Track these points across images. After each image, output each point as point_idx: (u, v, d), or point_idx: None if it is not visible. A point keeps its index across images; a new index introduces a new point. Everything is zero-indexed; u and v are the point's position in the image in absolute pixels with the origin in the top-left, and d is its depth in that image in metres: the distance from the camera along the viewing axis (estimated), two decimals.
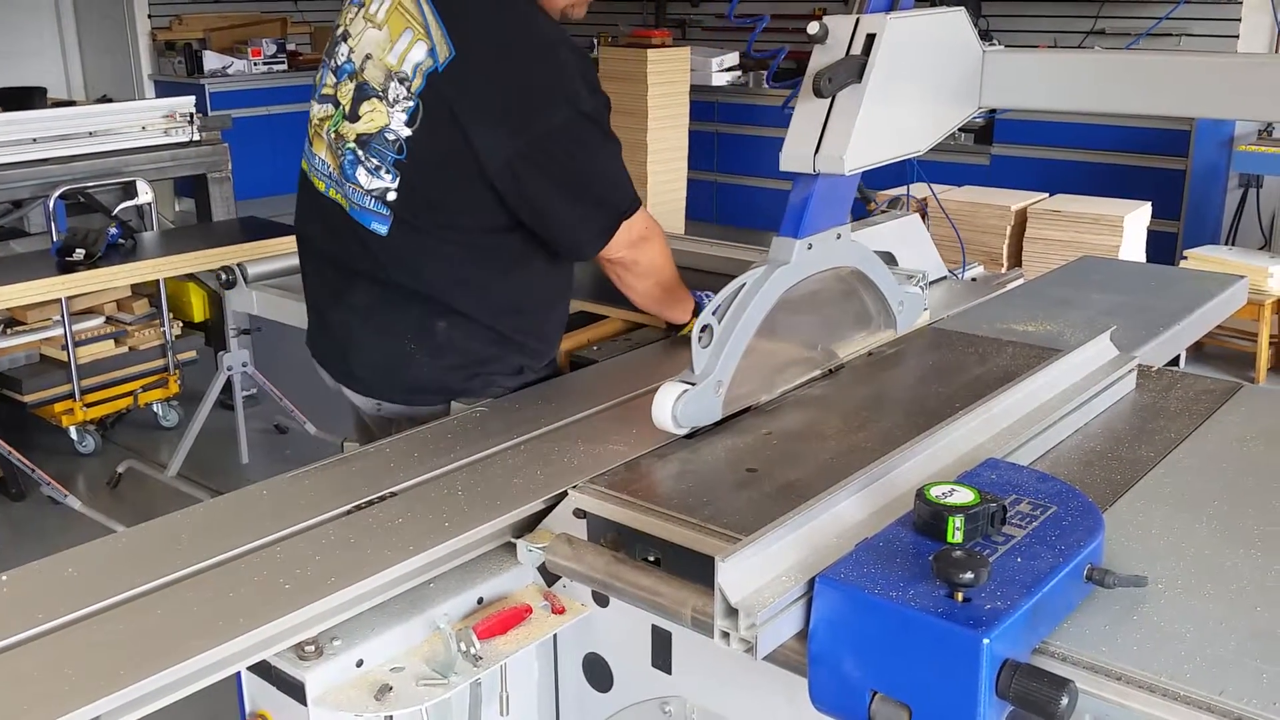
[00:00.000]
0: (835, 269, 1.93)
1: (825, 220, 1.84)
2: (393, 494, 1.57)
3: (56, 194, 4.70)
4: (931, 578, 1.13)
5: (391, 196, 1.85)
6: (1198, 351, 5.22)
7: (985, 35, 1.93)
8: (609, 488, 1.55)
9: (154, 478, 4.47)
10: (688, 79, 6.96)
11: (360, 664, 1.38)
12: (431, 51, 1.76)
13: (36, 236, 5.37)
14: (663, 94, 6.78)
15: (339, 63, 1.90)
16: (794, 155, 1.73)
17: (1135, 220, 5.15)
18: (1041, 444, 1.65)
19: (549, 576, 1.56)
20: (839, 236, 1.88)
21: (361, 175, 1.86)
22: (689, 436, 1.72)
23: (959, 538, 1.20)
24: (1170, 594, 1.27)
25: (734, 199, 7.50)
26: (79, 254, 3.87)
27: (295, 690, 1.34)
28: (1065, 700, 1.06)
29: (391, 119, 1.81)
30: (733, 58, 7.52)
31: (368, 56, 1.82)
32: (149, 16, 9.11)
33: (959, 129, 2.03)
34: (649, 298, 2.10)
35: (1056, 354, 1.86)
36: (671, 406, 1.67)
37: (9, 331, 4.57)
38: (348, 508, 1.52)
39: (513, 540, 1.52)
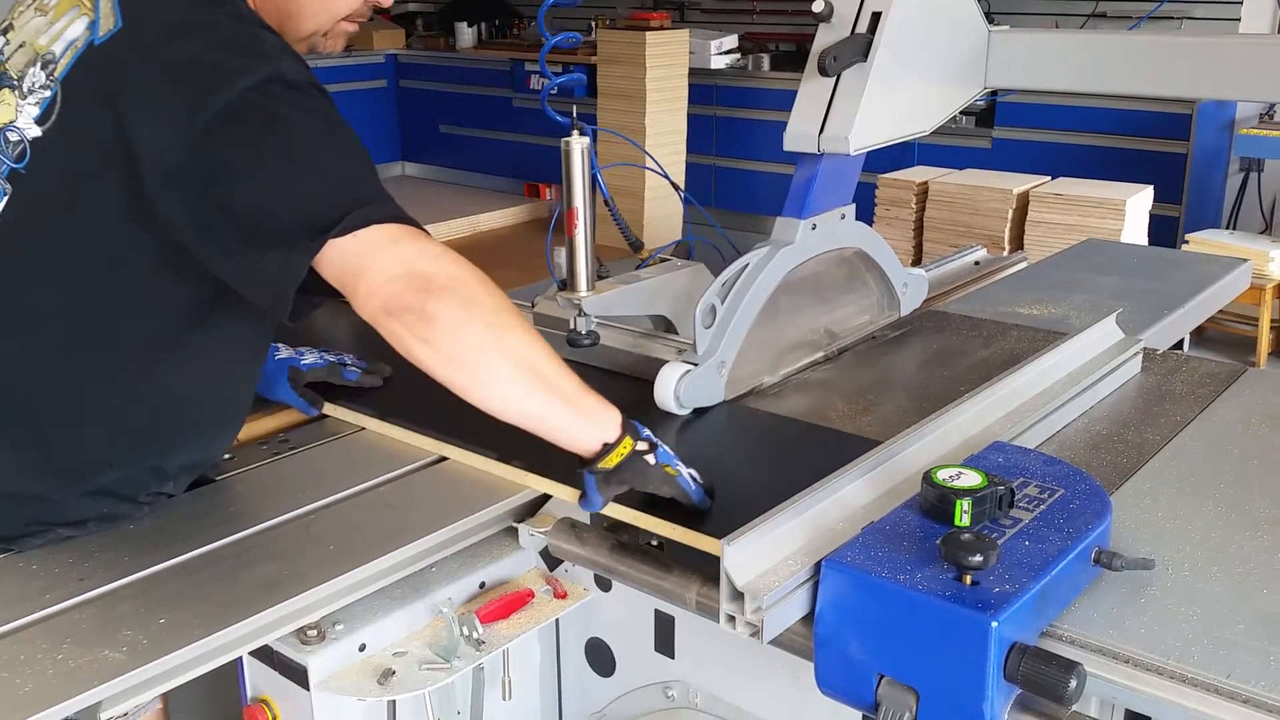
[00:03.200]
0: (839, 250, 1.92)
1: (829, 201, 1.82)
2: None
3: None
4: (939, 561, 1.12)
5: None
6: (1199, 336, 5.21)
7: (987, 17, 1.92)
8: None
9: None
10: (686, 61, 6.93)
11: (363, 648, 1.37)
12: (92, 25, 1.34)
13: None
14: (661, 77, 6.75)
15: None
16: (798, 135, 1.72)
17: (1137, 204, 5.13)
18: (1048, 427, 1.64)
19: (551, 561, 1.55)
20: (843, 217, 1.87)
21: None
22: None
23: (966, 521, 1.19)
24: (1177, 577, 1.26)
25: (733, 183, 7.47)
26: None
27: (298, 675, 1.34)
28: (1074, 683, 1.05)
29: (20, 113, 1.35)
30: (732, 40, 7.49)
31: (21, 45, 1.40)
32: None
33: (961, 111, 2.02)
34: (508, 393, 1.31)
35: (1062, 337, 1.85)
36: (674, 386, 1.66)
37: None
38: None
39: (515, 525, 1.51)
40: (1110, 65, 1.95)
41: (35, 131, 1.33)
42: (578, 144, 1.88)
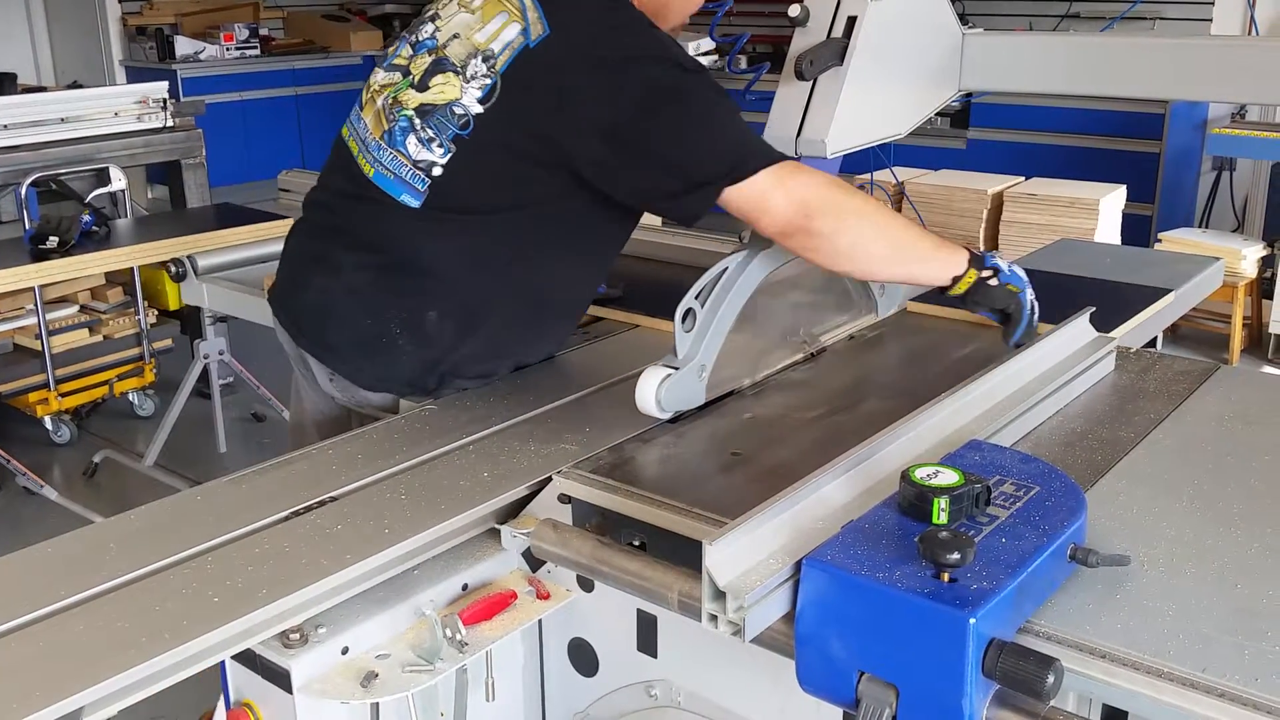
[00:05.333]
0: None
1: None
2: (333, 498, 1.51)
3: (28, 181, 4.64)
4: (917, 559, 1.13)
5: (437, 171, 1.77)
6: (1172, 333, 5.26)
7: (961, 19, 1.94)
8: (594, 472, 1.54)
9: (131, 467, 4.43)
10: None
11: (346, 651, 1.37)
12: (524, 30, 1.72)
13: (8, 224, 5.32)
14: None
15: (420, 38, 1.85)
16: (776, 138, 1.74)
17: (1110, 203, 5.18)
18: (1023, 425, 1.66)
19: (534, 562, 1.55)
20: None
21: (411, 144, 1.79)
22: (673, 421, 1.72)
23: (944, 519, 1.20)
24: (1152, 572, 1.28)
25: None
26: (52, 242, 3.83)
27: (280, 678, 1.33)
28: (1051, 679, 1.07)
29: (464, 94, 1.75)
30: (709, 42, 7.52)
31: (455, 35, 1.78)
32: (119, 1, 9.00)
33: (936, 113, 2.04)
34: (878, 268, 1.82)
35: (1036, 336, 1.86)
36: (655, 391, 1.66)
37: None
38: (285, 514, 1.47)
39: (497, 526, 1.52)
40: (1083, 67, 1.97)
41: (478, 109, 1.74)
42: None
